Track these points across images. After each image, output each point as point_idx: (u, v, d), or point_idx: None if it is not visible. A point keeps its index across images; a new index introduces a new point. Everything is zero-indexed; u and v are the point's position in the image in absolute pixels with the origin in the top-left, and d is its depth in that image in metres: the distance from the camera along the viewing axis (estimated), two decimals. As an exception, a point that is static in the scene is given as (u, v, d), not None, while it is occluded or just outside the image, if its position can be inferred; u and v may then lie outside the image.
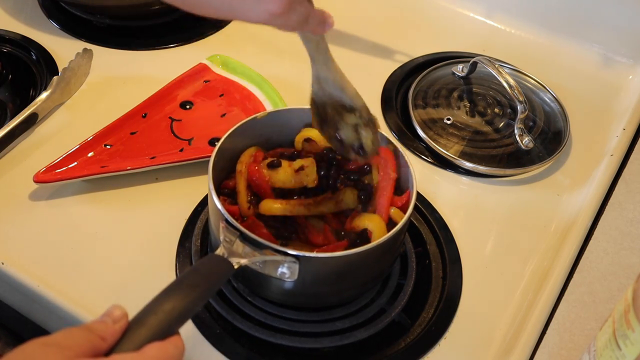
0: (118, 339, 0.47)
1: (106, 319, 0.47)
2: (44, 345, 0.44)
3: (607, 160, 0.88)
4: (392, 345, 0.69)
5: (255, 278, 0.65)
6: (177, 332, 0.50)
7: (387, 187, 0.69)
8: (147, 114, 0.87)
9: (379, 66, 1.01)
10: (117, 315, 0.48)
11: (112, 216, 0.78)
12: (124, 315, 0.48)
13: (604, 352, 0.55)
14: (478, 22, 1.11)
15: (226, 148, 0.69)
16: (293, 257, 0.59)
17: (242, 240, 0.60)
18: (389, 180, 0.69)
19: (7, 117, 0.87)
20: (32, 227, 0.76)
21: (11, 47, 0.97)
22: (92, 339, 0.45)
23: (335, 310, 0.69)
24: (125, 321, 0.48)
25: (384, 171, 0.70)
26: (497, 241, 0.81)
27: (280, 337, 0.67)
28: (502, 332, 0.71)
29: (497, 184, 0.87)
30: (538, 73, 0.98)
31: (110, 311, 0.48)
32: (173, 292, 0.51)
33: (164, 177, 0.82)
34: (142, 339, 0.47)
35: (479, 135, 0.90)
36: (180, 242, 0.75)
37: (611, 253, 0.75)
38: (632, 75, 1.03)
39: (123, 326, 0.47)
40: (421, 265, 0.75)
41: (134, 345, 0.47)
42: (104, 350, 0.46)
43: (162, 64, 0.97)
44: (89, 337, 0.45)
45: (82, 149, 0.81)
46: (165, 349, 0.47)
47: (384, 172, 0.70)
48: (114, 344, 0.47)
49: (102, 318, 0.48)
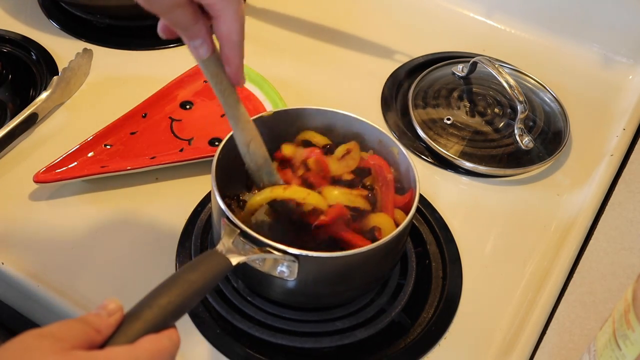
0: (112, 332, 0.47)
1: (101, 311, 0.47)
2: (39, 336, 0.44)
3: (607, 160, 0.88)
4: (392, 345, 0.69)
5: (255, 277, 0.65)
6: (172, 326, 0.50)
7: (388, 189, 0.69)
8: (147, 114, 0.87)
9: (379, 66, 1.01)
10: (112, 308, 0.48)
11: (112, 216, 0.78)
12: (119, 308, 0.48)
13: (604, 352, 0.55)
14: (478, 22, 1.11)
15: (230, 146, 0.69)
16: (292, 255, 0.59)
17: (242, 237, 0.60)
18: (387, 182, 0.69)
19: (7, 117, 0.87)
20: (32, 227, 0.76)
21: (11, 47, 0.97)
22: (87, 331, 0.45)
23: (335, 310, 0.69)
24: (120, 314, 0.48)
25: (380, 175, 0.70)
26: (497, 241, 0.81)
27: (280, 337, 0.67)
28: (502, 332, 0.71)
29: (497, 184, 0.87)
30: (538, 73, 0.98)
31: (105, 304, 0.48)
32: (169, 287, 0.51)
33: (164, 177, 0.82)
34: (137, 332, 0.47)
35: (479, 135, 0.90)
36: (180, 242, 0.75)
37: (611, 253, 0.75)
38: (632, 75, 1.03)
39: (118, 319, 0.48)
40: (421, 265, 0.75)
41: (128, 338, 0.47)
42: (98, 343, 0.46)
43: (162, 64, 0.97)
44: (84, 329, 0.45)
45: (82, 149, 0.81)
46: (159, 341, 0.47)
47: (380, 176, 0.70)
48: (108, 336, 0.47)
49: (97, 311, 0.48)
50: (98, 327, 0.46)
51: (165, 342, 0.48)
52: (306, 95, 0.94)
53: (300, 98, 0.93)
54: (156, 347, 0.47)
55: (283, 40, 1.05)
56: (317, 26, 1.07)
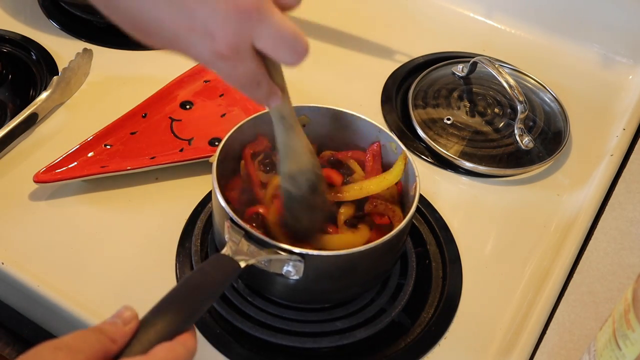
0: (128, 341, 0.47)
1: (117, 320, 0.47)
2: (54, 349, 0.44)
3: (607, 160, 0.88)
4: (392, 345, 0.69)
5: (260, 276, 0.65)
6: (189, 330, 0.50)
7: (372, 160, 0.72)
8: (147, 114, 0.87)
9: (379, 66, 1.01)
10: (128, 316, 0.47)
11: (112, 216, 0.78)
12: (135, 316, 0.48)
13: (604, 352, 0.55)
14: (478, 22, 1.11)
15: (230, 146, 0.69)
16: (298, 255, 0.59)
17: (247, 239, 0.60)
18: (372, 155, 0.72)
19: (7, 117, 0.87)
20: (32, 227, 0.76)
21: (11, 47, 0.97)
22: (103, 341, 0.45)
23: (336, 310, 0.69)
24: (135, 323, 0.48)
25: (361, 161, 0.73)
26: (497, 241, 0.81)
27: (281, 337, 0.67)
28: (502, 332, 0.71)
29: (497, 184, 0.87)
30: (538, 73, 0.98)
31: (121, 312, 0.48)
32: (180, 293, 0.51)
33: (164, 177, 0.82)
34: (151, 341, 0.47)
35: (479, 135, 0.90)
36: (180, 242, 0.75)
37: (611, 253, 0.75)
38: (632, 75, 1.03)
39: (133, 328, 0.47)
40: (421, 265, 0.75)
41: (143, 347, 0.47)
42: (114, 353, 0.46)
43: (162, 64, 0.97)
44: (99, 339, 0.45)
45: (82, 149, 0.81)
46: (173, 349, 0.47)
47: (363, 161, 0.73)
48: (124, 345, 0.46)
49: (112, 319, 0.47)
50: (113, 336, 0.46)
51: (179, 350, 0.47)
52: (306, 95, 0.94)
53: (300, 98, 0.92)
54: (170, 356, 0.47)
55: (283, 40, 1.04)
56: (318, 26, 1.07)
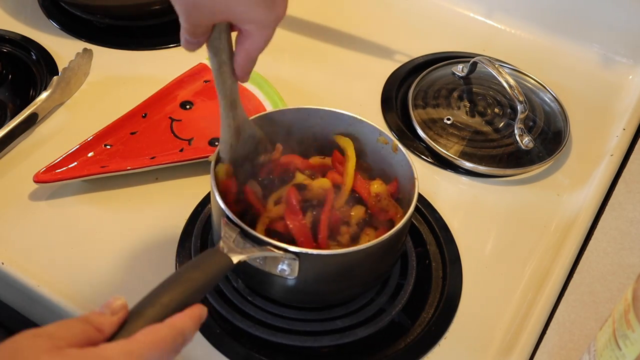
0: (116, 331, 0.47)
1: (105, 310, 0.47)
2: (33, 336, 0.43)
3: (607, 160, 0.88)
4: (392, 345, 0.69)
5: (256, 275, 0.65)
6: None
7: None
8: (147, 114, 0.87)
9: (379, 66, 1.01)
10: (117, 306, 0.47)
11: (112, 216, 0.78)
12: (124, 306, 0.48)
13: (604, 352, 0.55)
14: (478, 22, 1.11)
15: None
16: (293, 253, 0.60)
17: (242, 236, 0.60)
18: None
19: (7, 117, 0.87)
20: (32, 227, 0.76)
21: (11, 47, 0.97)
22: (87, 330, 0.45)
23: (335, 309, 0.69)
24: (124, 312, 0.47)
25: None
26: (497, 241, 0.81)
27: (280, 336, 0.67)
28: (502, 332, 0.71)
29: (497, 184, 0.87)
30: (538, 73, 0.98)
31: (110, 302, 0.48)
32: (171, 285, 0.51)
33: (164, 177, 0.82)
34: (138, 329, 0.47)
35: (479, 135, 0.90)
36: (180, 242, 0.75)
37: (611, 253, 0.75)
38: (632, 75, 1.03)
39: (122, 317, 0.47)
40: (421, 265, 0.75)
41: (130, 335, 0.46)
42: (100, 341, 0.45)
43: (162, 64, 0.97)
44: (84, 328, 0.45)
45: (82, 149, 0.81)
46: (156, 331, 0.47)
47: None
48: (111, 334, 0.46)
49: (101, 309, 0.47)
50: (100, 325, 0.46)
51: (163, 331, 0.47)
52: (306, 95, 0.94)
53: (300, 98, 0.93)
54: (152, 338, 0.46)
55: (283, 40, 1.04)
56: (317, 26, 1.07)
